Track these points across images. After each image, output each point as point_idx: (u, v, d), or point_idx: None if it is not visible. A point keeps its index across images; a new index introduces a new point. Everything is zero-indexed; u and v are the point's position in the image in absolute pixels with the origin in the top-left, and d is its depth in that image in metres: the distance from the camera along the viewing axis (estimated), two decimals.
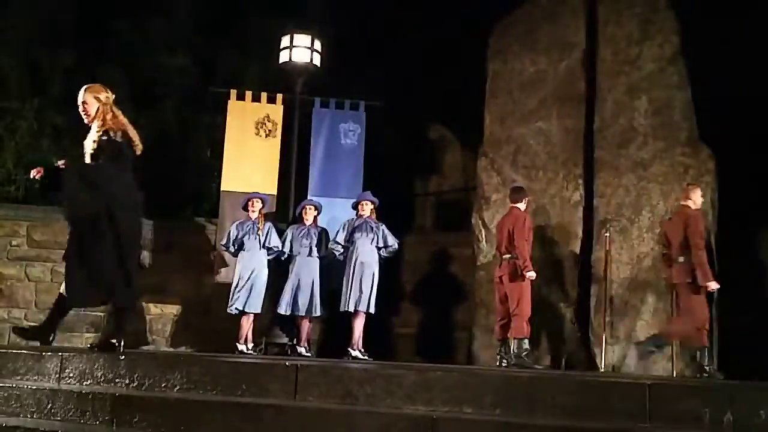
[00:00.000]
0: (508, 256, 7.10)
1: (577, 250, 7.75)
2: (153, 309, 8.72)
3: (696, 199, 6.90)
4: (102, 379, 4.90)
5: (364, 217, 7.91)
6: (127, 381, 4.86)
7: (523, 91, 8.25)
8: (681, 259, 6.76)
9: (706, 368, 6.62)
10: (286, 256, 8.12)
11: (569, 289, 7.67)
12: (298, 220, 8.31)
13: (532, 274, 6.95)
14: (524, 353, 6.99)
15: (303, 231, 8.13)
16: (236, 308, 7.83)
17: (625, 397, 4.86)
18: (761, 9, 8.15)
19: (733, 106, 7.88)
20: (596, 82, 8.02)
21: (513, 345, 7.02)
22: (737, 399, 4.70)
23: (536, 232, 7.73)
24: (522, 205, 7.30)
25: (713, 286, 6.61)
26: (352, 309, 7.60)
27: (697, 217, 6.79)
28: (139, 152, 5.34)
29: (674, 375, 6.93)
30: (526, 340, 7.01)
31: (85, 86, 5.42)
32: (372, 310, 7.67)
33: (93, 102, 5.32)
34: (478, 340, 7.74)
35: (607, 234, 7.50)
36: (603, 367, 7.20)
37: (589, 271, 7.69)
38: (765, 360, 6.94)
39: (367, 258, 7.77)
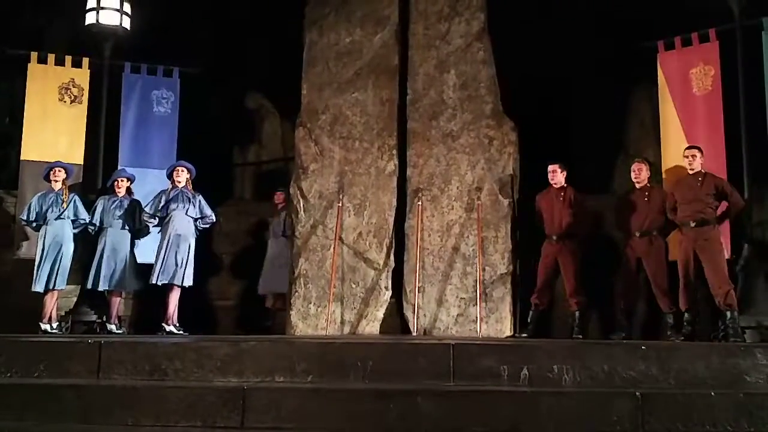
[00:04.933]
0: None
1: (392, 219, 7.96)
2: None
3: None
4: None
5: (179, 187, 7.68)
6: None
7: (340, 61, 8.28)
8: (693, 224, 6.77)
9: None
10: (95, 229, 7.74)
11: (384, 256, 7.87)
12: (109, 191, 7.94)
13: None
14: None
15: (115, 202, 7.80)
16: (40, 286, 7.38)
17: (431, 358, 5.12)
18: None
19: (534, 81, 8.40)
20: (409, 56, 8.23)
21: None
22: (532, 356, 5.10)
23: (353, 201, 7.91)
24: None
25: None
26: (166, 282, 7.38)
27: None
28: None
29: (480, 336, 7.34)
30: None
31: None
32: (187, 283, 7.50)
33: None
34: (295, 310, 7.77)
35: (419, 203, 7.79)
36: (415, 331, 7.49)
37: (402, 239, 7.94)
38: None
39: (183, 230, 7.57)
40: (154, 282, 7.41)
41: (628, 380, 4.94)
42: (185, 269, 7.46)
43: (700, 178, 6.90)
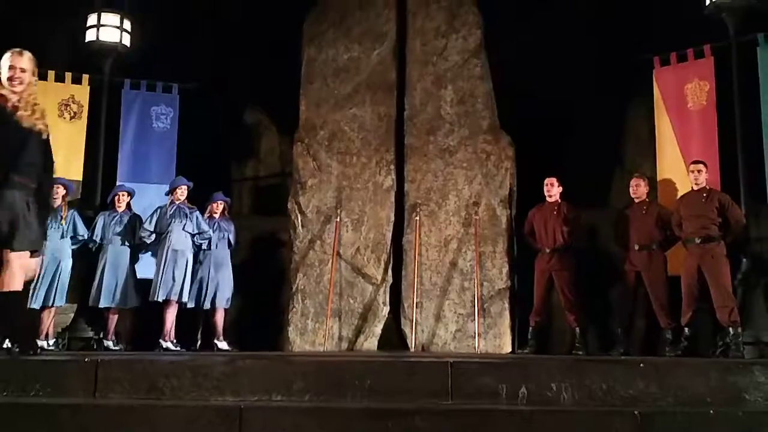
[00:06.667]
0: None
1: (390, 234, 7.97)
2: None
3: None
4: None
5: (177, 203, 7.70)
6: None
7: (338, 77, 8.34)
8: (698, 240, 6.74)
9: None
10: (95, 245, 7.75)
11: (382, 272, 7.88)
12: (109, 207, 7.96)
13: None
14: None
15: (115, 218, 7.81)
16: (37, 303, 7.36)
17: (428, 376, 5.06)
18: (551, 9, 8.81)
19: (530, 96, 8.43)
20: (406, 72, 8.28)
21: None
22: (530, 374, 5.04)
23: (351, 216, 7.91)
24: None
25: None
26: (163, 298, 7.39)
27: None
28: None
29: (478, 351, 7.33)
30: None
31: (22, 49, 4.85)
32: (184, 299, 7.50)
33: (31, 73, 4.86)
34: (293, 325, 7.77)
35: (417, 218, 7.80)
36: (413, 347, 7.48)
37: (400, 254, 7.95)
38: None
39: (180, 245, 7.58)
40: (153, 299, 7.41)
41: (627, 399, 4.86)
42: (182, 285, 7.47)
43: (704, 194, 6.89)
